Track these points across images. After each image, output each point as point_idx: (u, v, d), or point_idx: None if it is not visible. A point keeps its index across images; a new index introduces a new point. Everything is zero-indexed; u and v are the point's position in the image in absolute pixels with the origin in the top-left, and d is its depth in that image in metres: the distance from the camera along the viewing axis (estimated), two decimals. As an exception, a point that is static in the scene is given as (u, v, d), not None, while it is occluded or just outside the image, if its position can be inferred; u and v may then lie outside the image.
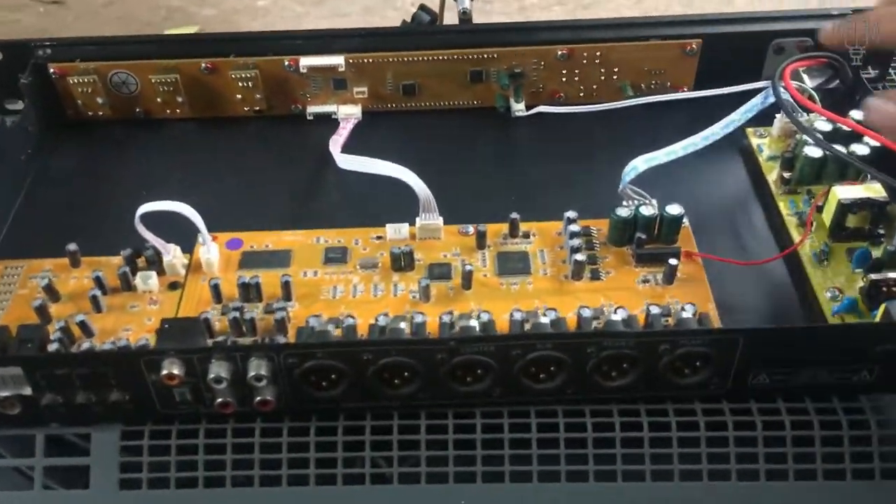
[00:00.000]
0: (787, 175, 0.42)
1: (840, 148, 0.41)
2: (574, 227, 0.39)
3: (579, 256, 0.38)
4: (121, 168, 0.47)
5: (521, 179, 0.45)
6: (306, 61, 0.47)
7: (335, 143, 0.45)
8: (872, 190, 0.39)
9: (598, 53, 0.47)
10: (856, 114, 0.43)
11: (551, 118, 0.48)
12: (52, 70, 0.46)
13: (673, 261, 0.38)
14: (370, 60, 0.47)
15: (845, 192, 0.39)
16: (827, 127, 0.42)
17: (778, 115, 0.45)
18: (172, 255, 0.38)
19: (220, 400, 0.33)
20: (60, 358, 0.32)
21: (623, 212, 0.39)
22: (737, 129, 0.44)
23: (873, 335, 0.32)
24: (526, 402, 0.34)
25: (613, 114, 0.48)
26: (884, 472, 0.33)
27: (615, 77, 0.48)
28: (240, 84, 0.47)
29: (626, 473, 0.33)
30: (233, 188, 0.45)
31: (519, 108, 0.48)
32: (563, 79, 0.48)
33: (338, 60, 0.47)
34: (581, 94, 0.49)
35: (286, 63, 0.47)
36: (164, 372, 0.31)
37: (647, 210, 0.39)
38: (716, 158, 0.45)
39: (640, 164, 0.39)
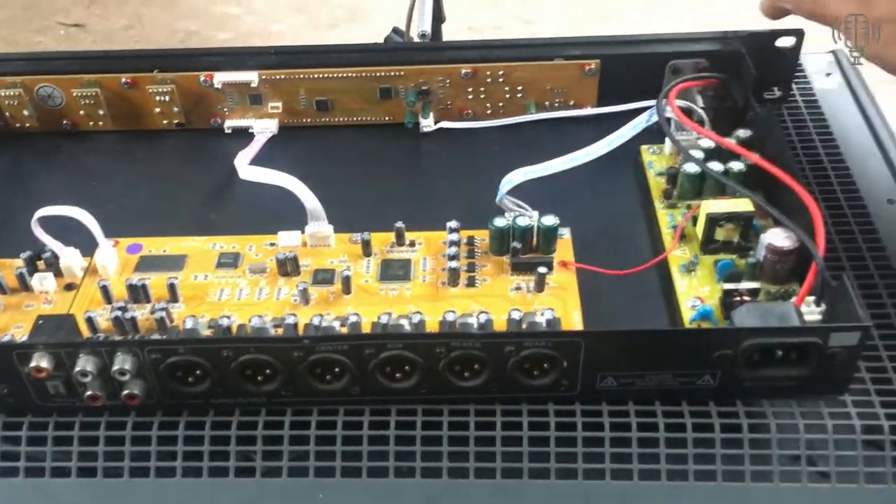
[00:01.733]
0: (669, 190, 0.44)
1: (718, 165, 0.42)
2: (454, 237, 0.41)
3: (453, 264, 0.40)
4: (42, 177, 0.49)
5: (422, 191, 0.47)
6: (220, 77, 0.49)
7: (242, 156, 0.47)
8: (740, 204, 0.40)
9: (500, 73, 0.49)
10: (742, 132, 0.45)
11: (457, 134, 0.50)
12: (-21, 84, 0.49)
13: (542, 269, 0.39)
14: (283, 77, 0.49)
15: (714, 206, 0.40)
16: (711, 145, 0.44)
17: (669, 133, 0.46)
18: (69, 257, 0.40)
19: (89, 393, 0.34)
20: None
21: (500, 222, 0.41)
22: (632, 146, 0.46)
23: (706, 340, 0.33)
24: (385, 401, 0.36)
25: (518, 129, 0.50)
26: (725, 474, 0.34)
27: (520, 95, 0.50)
28: (157, 98, 0.49)
29: (478, 471, 0.35)
30: (145, 197, 0.47)
31: (427, 124, 0.50)
32: (470, 96, 0.50)
33: (251, 77, 0.49)
34: (488, 112, 0.51)
35: (202, 79, 0.49)
36: (33, 364, 0.33)
37: (523, 220, 0.40)
38: (611, 173, 0.47)
39: (516, 176, 0.41)
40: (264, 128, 0.50)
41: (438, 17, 0.90)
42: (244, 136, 0.51)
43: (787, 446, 0.34)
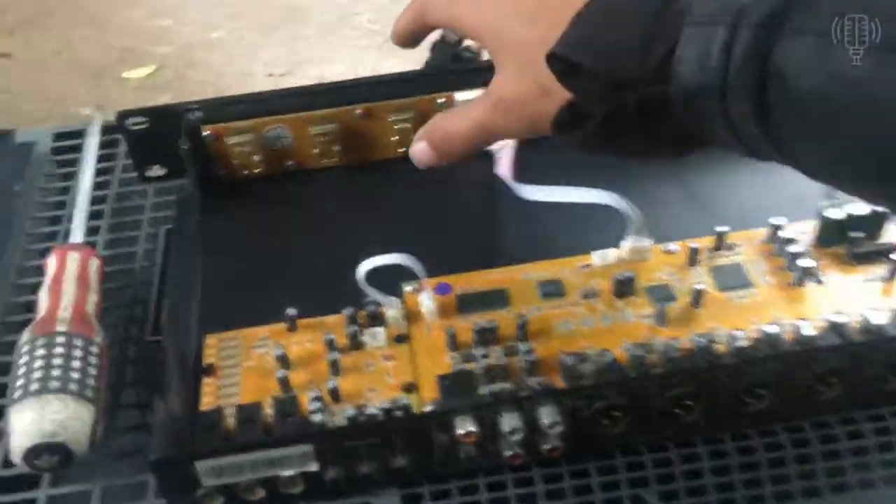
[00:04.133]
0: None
1: None
2: (786, 234, 0.39)
3: (805, 262, 0.38)
4: (287, 223, 0.46)
5: (687, 194, 0.45)
6: (461, 96, 0.46)
7: (507, 173, 0.44)
8: None
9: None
10: None
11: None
12: (206, 132, 0.45)
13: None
14: (524, 88, 0.46)
15: None
16: None
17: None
18: (396, 308, 0.38)
19: (509, 452, 0.32)
20: (352, 430, 0.31)
21: (833, 213, 0.39)
22: None
23: None
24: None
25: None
26: None
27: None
28: (395, 127, 0.46)
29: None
30: (407, 232, 0.43)
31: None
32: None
33: (494, 92, 0.46)
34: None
35: (441, 101, 0.46)
36: (460, 431, 0.30)
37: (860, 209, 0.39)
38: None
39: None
40: (502, 143, 0.48)
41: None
42: (480, 154, 0.48)
43: None
